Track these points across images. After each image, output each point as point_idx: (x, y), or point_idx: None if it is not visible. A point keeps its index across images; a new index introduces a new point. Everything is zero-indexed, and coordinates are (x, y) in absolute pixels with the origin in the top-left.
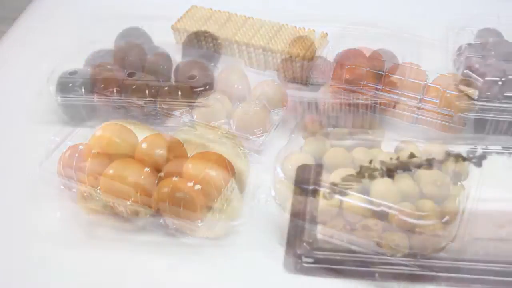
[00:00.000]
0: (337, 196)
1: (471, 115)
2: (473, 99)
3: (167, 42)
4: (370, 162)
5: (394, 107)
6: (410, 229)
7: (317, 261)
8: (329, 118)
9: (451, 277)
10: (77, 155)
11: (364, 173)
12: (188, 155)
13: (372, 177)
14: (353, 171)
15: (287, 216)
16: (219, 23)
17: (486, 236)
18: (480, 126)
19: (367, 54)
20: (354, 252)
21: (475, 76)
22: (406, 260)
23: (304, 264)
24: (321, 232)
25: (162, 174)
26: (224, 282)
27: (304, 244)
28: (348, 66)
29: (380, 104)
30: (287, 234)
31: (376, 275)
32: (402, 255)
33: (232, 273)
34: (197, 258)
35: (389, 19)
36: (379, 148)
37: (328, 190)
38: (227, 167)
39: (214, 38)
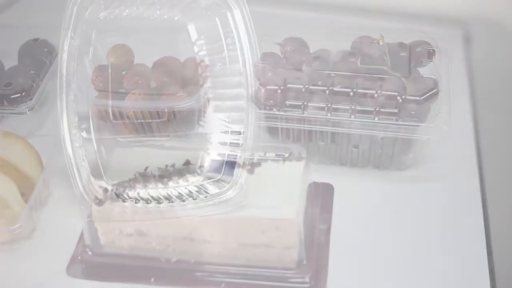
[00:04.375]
0: (107, 202)
1: (262, 124)
2: (259, 108)
3: (8, 49)
4: (146, 169)
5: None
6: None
7: (99, 265)
8: (136, 125)
9: (222, 281)
10: None
11: (139, 179)
12: None
13: (146, 183)
14: (127, 177)
15: (83, 222)
16: None
17: (250, 242)
18: (275, 134)
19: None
20: (133, 257)
21: (257, 85)
22: (181, 264)
23: (88, 269)
24: (102, 238)
25: None
26: None
27: (87, 249)
28: (157, 73)
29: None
30: (78, 240)
31: (152, 279)
32: (177, 260)
33: (13, 279)
34: None
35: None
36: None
37: (99, 196)
38: (9, 172)
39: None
